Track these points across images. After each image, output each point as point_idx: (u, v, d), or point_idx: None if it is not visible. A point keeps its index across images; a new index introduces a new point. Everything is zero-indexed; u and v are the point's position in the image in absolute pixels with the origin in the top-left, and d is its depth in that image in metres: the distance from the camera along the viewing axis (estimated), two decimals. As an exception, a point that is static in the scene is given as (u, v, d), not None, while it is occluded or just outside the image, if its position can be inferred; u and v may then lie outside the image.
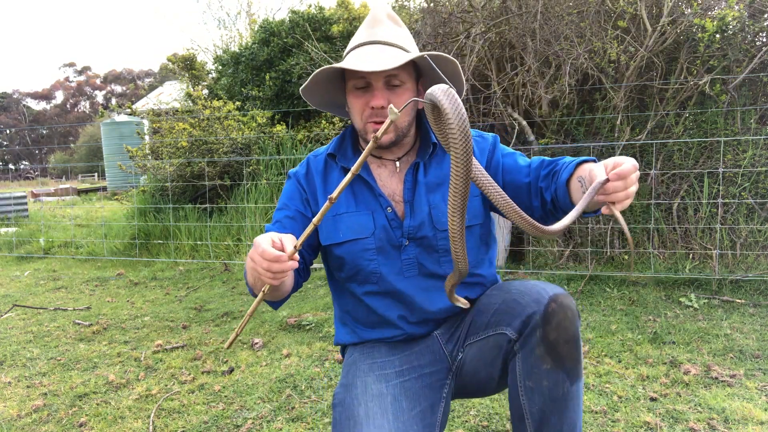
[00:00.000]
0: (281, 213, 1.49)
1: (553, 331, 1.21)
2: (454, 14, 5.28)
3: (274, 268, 1.09)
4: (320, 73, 1.38)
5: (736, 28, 4.36)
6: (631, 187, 1.07)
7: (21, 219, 9.20)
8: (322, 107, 1.56)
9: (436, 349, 1.46)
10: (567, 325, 1.21)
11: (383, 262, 1.43)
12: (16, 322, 3.88)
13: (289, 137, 6.67)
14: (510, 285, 1.39)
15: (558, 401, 1.23)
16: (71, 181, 24.89)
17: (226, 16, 25.90)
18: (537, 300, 1.25)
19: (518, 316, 1.26)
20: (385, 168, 1.49)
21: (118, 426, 2.27)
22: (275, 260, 1.08)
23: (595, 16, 4.69)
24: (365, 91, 1.38)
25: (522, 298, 1.28)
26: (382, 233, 1.42)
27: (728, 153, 4.34)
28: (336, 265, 1.49)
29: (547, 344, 1.21)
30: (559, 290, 1.27)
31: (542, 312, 1.22)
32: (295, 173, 1.54)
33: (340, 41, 8.54)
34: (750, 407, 2.15)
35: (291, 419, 2.25)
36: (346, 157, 1.49)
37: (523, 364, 1.25)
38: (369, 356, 1.45)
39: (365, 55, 1.36)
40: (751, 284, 3.72)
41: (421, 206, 1.42)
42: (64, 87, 73.91)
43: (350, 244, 1.43)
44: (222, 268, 5.29)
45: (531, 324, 1.23)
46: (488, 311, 1.37)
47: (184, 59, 10.68)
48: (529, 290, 1.30)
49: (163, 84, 21.43)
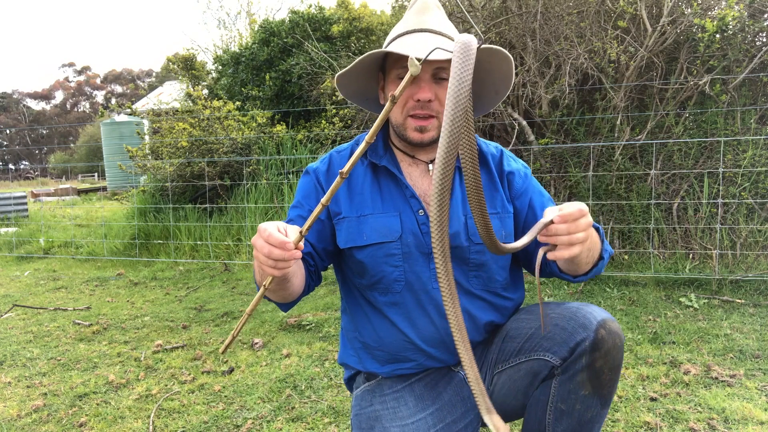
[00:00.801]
0: (295, 211, 1.39)
1: (601, 359, 1.15)
2: (454, 14, 5.28)
3: (275, 254, 0.98)
4: (367, 57, 1.26)
5: (736, 28, 4.36)
6: (577, 233, 1.01)
7: (21, 219, 9.20)
8: (352, 97, 1.43)
9: (466, 395, 1.35)
10: (615, 354, 1.16)
11: (409, 270, 1.31)
12: (16, 322, 3.88)
13: (289, 137, 6.67)
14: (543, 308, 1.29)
15: (585, 424, 1.20)
16: (71, 181, 24.89)
17: (226, 16, 25.85)
18: (584, 326, 1.17)
19: (564, 342, 1.18)
20: (417, 168, 1.37)
21: (118, 426, 2.27)
22: (279, 245, 0.98)
23: (595, 16, 4.69)
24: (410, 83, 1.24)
25: (567, 324, 1.20)
26: (410, 238, 1.30)
27: (728, 153, 4.34)
28: (356, 270, 1.36)
29: (591, 371, 1.16)
30: (606, 314, 1.20)
31: (592, 339, 1.15)
32: (315, 170, 1.41)
33: (340, 41, 8.55)
34: (750, 407, 2.15)
35: (291, 419, 2.25)
36: (377, 153, 1.36)
37: (560, 388, 1.19)
38: (394, 413, 1.30)
39: (416, 42, 1.25)
40: (751, 284, 3.72)
41: (457, 214, 1.31)
42: (64, 87, 73.93)
43: (374, 248, 1.31)
44: (222, 268, 5.29)
45: (578, 351, 1.16)
46: (519, 337, 1.29)
47: (184, 59, 10.68)
48: (573, 314, 1.21)
49: (163, 84, 21.43)
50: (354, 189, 1.36)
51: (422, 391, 1.33)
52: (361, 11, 9.07)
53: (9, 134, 57.10)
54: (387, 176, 1.34)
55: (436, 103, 1.27)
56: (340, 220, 1.35)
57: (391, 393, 1.34)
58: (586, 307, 1.23)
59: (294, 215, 1.38)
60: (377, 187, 1.34)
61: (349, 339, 1.44)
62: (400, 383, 1.37)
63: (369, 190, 1.34)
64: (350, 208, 1.34)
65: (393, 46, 1.28)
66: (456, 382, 1.36)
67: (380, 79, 1.39)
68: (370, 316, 1.36)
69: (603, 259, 1.25)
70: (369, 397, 1.37)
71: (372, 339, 1.36)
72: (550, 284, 4.10)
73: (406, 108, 1.29)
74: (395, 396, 1.33)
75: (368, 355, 1.38)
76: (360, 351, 1.40)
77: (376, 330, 1.35)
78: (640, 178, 4.53)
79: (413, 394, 1.33)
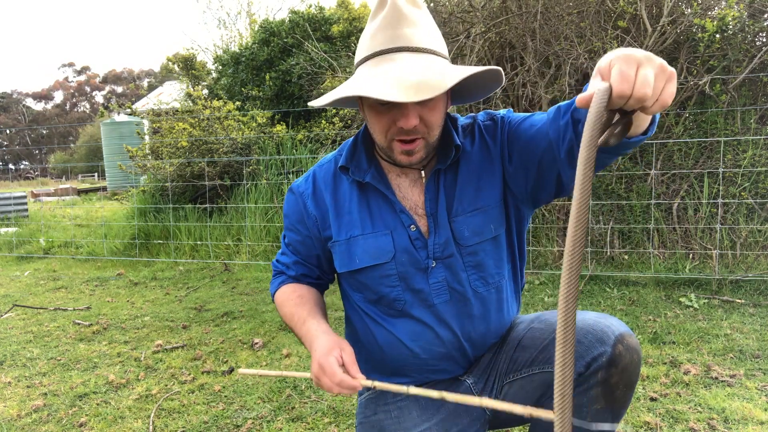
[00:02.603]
0: (291, 235, 1.38)
1: (617, 375, 1.11)
2: (454, 14, 5.29)
3: (344, 392, 1.09)
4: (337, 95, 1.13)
5: (736, 28, 4.36)
6: (644, 78, 0.73)
7: (21, 219, 9.19)
8: (332, 105, 1.29)
9: (470, 405, 1.30)
10: (632, 370, 1.12)
11: (407, 288, 1.25)
12: (16, 322, 3.88)
13: (289, 137, 6.67)
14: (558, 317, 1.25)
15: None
16: (71, 181, 24.89)
17: (226, 16, 25.88)
18: (602, 340, 1.12)
19: (580, 357, 1.13)
20: (406, 177, 1.28)
21: (118, 426, 2.27)
22: (350, 390, 1.09)
23: (595, 16, 4.69)
24: (391, 107, 1.12)
25: (584, 337, 1.14)
26: (404, 256, 1.24)
27: (728, 153, 4.34)
28: (356, 288, 1.33)
29: (606, 387, 1.12)
30: (624, 328, 1.14)
31: (609, 354, 1.10)
32: (301, 193, 1.34)
33: (340, 41, 8.55)
34: (750, 407, 2.15)
35: (291, 419, 2.25)
36: (360, 169, 1.26)
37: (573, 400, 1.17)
38: (398, 423, 1.27)
39: (395, 70, 1.07)
40: (751, 284, 3.72)
41: (444, 220, 1.24)
42: (64, 87, 73.92)
43: (369, 271, 1.26)
44: (222, 268, 5.29)
45: (594, 365, 1.11)
46: (533, 347, 1.24)
47: (184, 59, 10.68)
48: (590, 327, 1.14)
49: (163, 84, 21.41)
50: (341, 209, 1.29)
51: (426, 401, 1.29)
52: (361, 11, 9.08)
53: (9, 134, 57.11)
54: (374, 192, 1.26)
55: (421, 125, 1.14)
56: (333, 244, 1.31)
57: (395, 402, 1.31)
58: (605, 319, 1.17)
59: (291, 240, 1.39)
60: (365, 204, 1.27)
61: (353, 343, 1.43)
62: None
63: (357, 209, 1.27)
64: (339, 230, 1.29)
65: (366, 81, 1.09)
66: (461, 391, 1.30)
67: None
68: (372, 329, 1.32)
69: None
70: (373, 406, 1.34)
71: (376, 352, 1.33)
72: (550, 285, 4.10)
73: (389, 133, 1.16)
74: (399, 405, 1.30)
75: (372, 368, 1.36)
76: (363, 363, 1.35)
77: (379, 343, 1.31)
78: (640, 178, 4.53)
79: (417, 404, 1.29)
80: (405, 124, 1.11)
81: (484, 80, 1.21)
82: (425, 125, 1.15)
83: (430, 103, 1.13)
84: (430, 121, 1.14)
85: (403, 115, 1.11)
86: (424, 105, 1.12)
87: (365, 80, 1.09)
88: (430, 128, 1.16)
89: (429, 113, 1.13)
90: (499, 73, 1.16)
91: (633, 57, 0.76)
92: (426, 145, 1.18)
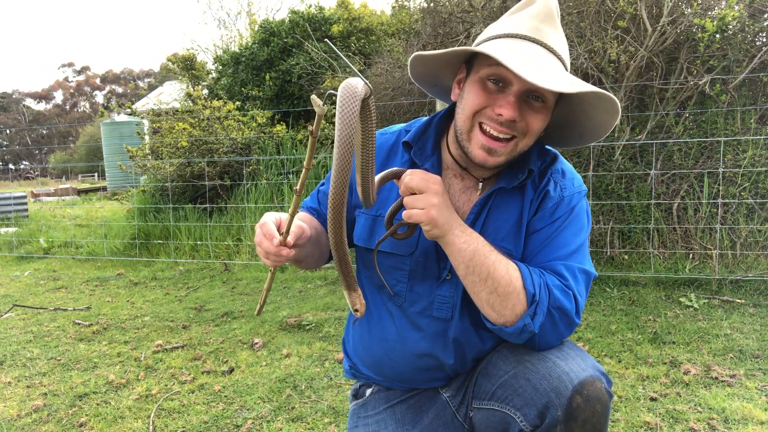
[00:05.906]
0: (323, 186, 1.34)
1: (578, 428, 1.01)
2: (454, 14, 5.29)
3: (264, 245, 1.04)
4: (460, 48, 1.08)
5: (736, 28, 4.36)
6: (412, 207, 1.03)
7: (21, 219, 9.19)
8: (418, 78, 1.25)
9: (448, 419, 1.26)
10: (596, 420, 1.01)
11: (410, 290, 1.20)
12: (16, 322, 3.88)
13: (289, 137, 6.68)
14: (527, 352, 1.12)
15: None
16: (71, 181, 24.89)
17: (226, 16, 25.94)
18: (557, 390, 1.02)
19: (531, 404, 1.04)
20: (461, 181, 1.21)
21: (118, 426, 2.27)
22: (269, 237, 1.04)
23: (595, 16, 4.69)
24: (497, 90, 1.06)
25: (539, 382, 1.04)
26: (422, 257, 1.18)
27: (728, 153, 4.34)
28: (364, 264, 1.29)
29: None
30: (587, 373, 1.03)
31: (565, 407, 1.00)
32: None
33: (340, 41, 8.55)
34: (750, 407, 2.15)
35: (291, 419, 2.25)
36: (423, 154, 1.20)
37: None
38: None
39: (529, 54, 1.04)
40: (751, 284, 3.72)
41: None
42: (64, 87, 73.93)
43: (382, 257, 1.22)
44: (222, 268, 5.29)
45: (549, 418, 1.02)
46: (495, 376, 1.15)
47: (184, 59, 10.68)
48: (548, 372, 1.04)
49: (163, 84, 21.43)
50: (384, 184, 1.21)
51: (403, 415, 1.27)
52: (361, 11, 9.09)
53: (9, 134, 57.10)
54: None
55: (522, 123, 1.07)
56: (360, 213, 1.27)
57: (374, 415, 1.31)
58: (567, 361, 1.06)
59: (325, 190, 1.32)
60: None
61: (347, 339, 1.43)
62: (382, 404, 1.33)
63: (397, 190, 1.17)
64: None
65: (499, 48, 1.05)
66: (439, 405, 1.27)
67: (461, 71, 1.17)
68: (371, 306, 1.29)
69: (529, 322, 1.05)
70: (355, 418, 1.36)
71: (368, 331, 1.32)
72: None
73: (480, 115, 1.08)
74: (377, 419, 1.30)
75: (361, 363, 1.35)
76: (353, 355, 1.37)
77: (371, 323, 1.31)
78: (640, 178, 4.53)
79: (394, 418, 1.27)
80: (504, 113, 1.04)
81: (593, 125, 1.15)
82: (525, 126, 1.08)
83: (535, 105, 1.07)
84: (531, 124, 1.07)
85: (508, 102, 1.04)
86: (529, 105, 1.07)
87: (505, 49, 1.04)
88: (526, 133, 1.09)
89: (532, 116, 1.07)
90: (611, 125, 1.11)
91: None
92: (512, 151, 1.09)
